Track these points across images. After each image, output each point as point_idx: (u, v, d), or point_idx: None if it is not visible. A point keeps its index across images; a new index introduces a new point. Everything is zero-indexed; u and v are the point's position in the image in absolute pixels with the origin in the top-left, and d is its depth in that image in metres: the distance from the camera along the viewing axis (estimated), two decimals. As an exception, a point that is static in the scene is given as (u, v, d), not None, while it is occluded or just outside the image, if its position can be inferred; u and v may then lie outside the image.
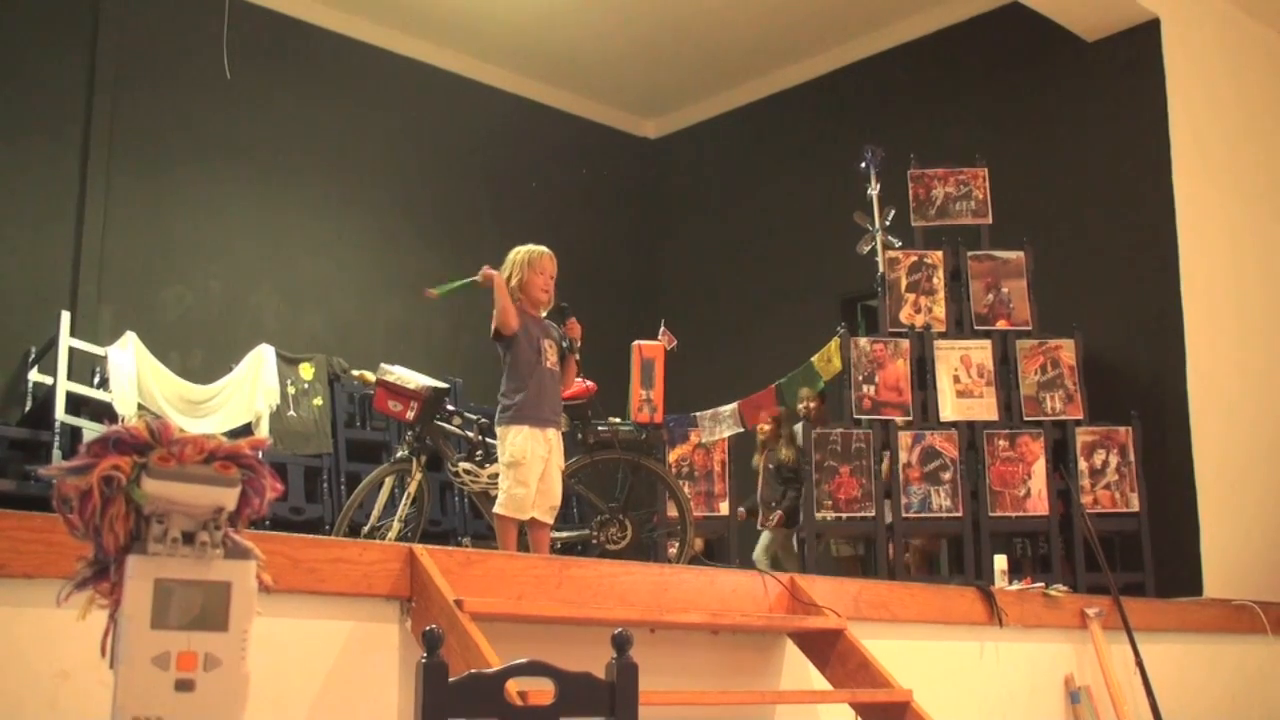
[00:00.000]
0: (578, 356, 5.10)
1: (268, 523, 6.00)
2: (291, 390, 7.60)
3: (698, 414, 7.00)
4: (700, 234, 10.37)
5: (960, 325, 7.01)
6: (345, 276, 8.90)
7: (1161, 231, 7.50)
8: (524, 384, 4.89)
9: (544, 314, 5.09)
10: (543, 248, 5.05)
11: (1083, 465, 6.72)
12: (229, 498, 1.81)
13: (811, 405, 7.08)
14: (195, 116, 8.26)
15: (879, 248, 7.18)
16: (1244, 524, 7.31)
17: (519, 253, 5.04)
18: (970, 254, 7.13)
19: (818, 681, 4.36)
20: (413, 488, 5.65)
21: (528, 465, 4.79)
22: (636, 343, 5.88)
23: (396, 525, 5.56)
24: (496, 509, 4.86)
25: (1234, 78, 8.19)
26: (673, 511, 5.91)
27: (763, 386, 7.09)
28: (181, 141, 8.20)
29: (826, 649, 4.33)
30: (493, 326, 4.92)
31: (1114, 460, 6.74)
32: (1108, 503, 6.71)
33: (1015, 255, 7.12)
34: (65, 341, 7.00)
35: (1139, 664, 5.60)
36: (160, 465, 1.76)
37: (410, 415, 5.64)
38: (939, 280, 7.05)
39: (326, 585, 3.20)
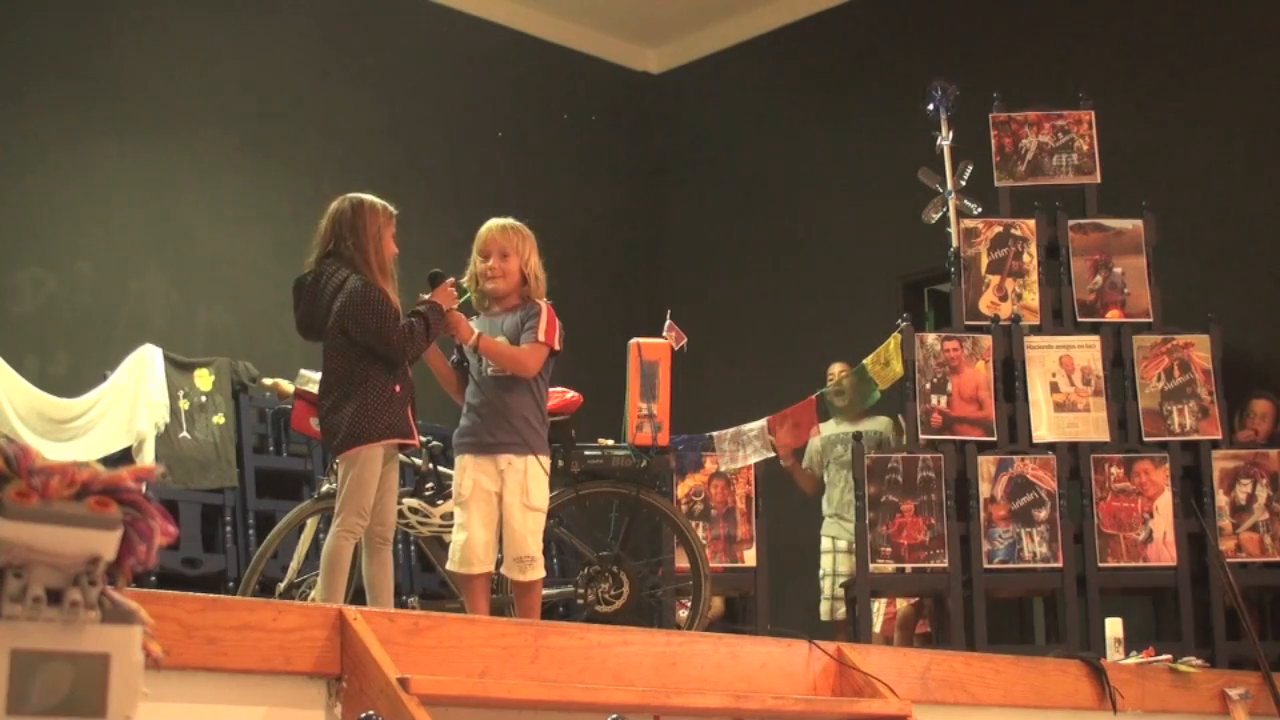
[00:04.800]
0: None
1: (154, 578, 6.01)
2: (185, 405, 7.61)
3: (715, 434, 7.00)
4: (716, 198, 10.38)
5: (1059, 317, 7.02)
6: (255, 256, 8.90)
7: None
8: (464, 401, 5.00)
9: (496, 306, 5.09)
10: (490, 222, 5.09)
11: (1222, 500, 6.73)
12: (108, 544, 1.82)
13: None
14: (60, 36, 8.23)
15: (951, 215, 7.19)
16: None
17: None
18: (1072, 223, 7.14)
19: (874, 784, 4.38)
20: (343, 532, 5.66)
21: (466, 503, 4.87)
22: (635, 341, 5.89)
23: (322, 581, 5.58)
24: (447, 565, 4.99)
25: None
26: (683, 561, 5.91)
27: (800, 397, 7.10)
28: (40, 72, 8.18)
29: (885, 741, 4.33)
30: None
31: (1263, 493, 6.75)
32: (1255, 549, 6.71)
33: (1132, 224, 7.13)
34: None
35: (1298, 761, 5.62)
36: (18, 502, 1.77)
37: (339, 437, 5.64)
38: (1030, 258, 7.07)
39: (231, 660, 3.21)
